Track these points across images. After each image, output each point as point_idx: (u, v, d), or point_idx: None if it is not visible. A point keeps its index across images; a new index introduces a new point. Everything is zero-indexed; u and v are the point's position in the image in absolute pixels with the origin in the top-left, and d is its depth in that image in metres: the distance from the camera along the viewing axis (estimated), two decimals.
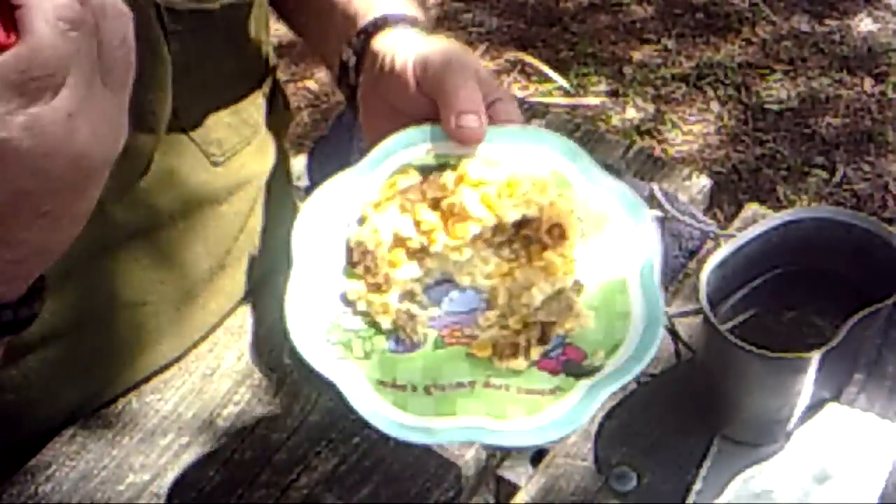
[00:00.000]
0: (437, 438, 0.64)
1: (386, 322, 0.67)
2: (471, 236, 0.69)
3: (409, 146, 0.73)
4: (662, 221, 0.89)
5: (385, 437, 0.82)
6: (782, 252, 0.81)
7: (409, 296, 0.69)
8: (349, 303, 0.69)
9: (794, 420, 0.79)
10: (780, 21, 2.70)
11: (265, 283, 0.96)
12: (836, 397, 0.82)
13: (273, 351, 0.92)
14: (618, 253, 0.69)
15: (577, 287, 0.68)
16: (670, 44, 2.66)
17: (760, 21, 2.71)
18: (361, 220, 0.71)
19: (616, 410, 0.84)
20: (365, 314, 0.68)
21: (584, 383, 0.63)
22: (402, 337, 0.67)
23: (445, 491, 0.81)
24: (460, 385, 0.64)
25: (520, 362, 0.65)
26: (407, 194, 0.70)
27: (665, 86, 2.54)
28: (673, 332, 0.89)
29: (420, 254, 0.70)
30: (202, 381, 0.91)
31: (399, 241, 0.69)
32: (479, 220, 0.69)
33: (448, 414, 0.63)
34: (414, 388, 0.64)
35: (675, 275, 0.95)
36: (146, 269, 0.85)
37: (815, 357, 0.73)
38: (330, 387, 0.63)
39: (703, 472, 0.79)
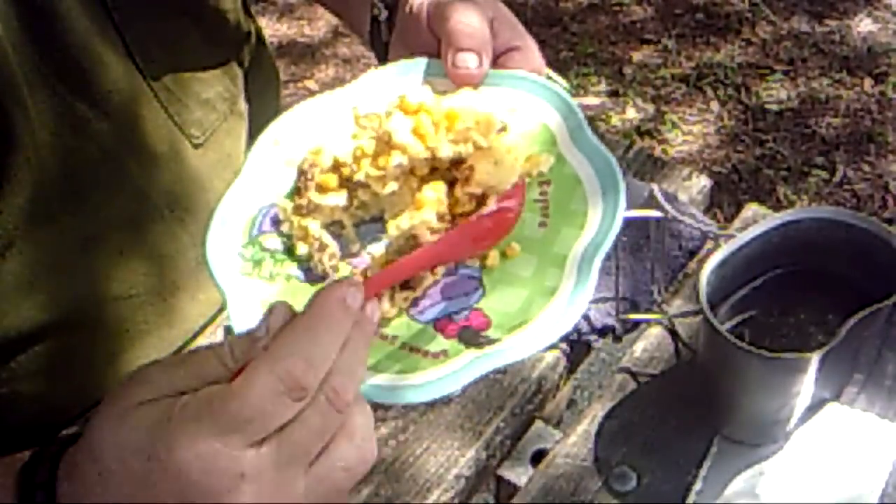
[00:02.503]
0: None
1: (303, 248, 0.64)
2: (394, 167, 0.62)
3: (402, 76, 0.69)
4: (662, 222, 0.89)
5: (385, 438, 0.83)
6: (782, 252, 0.81)
7: (336, 226, 0.65)
8: (277, 223, 0.66)
9: (794, 420, 0.79)
10: (780, 21, 2.70)
11: None
12: (836, 397, 0.82)
13: None
14: (572, 223, 0.63)
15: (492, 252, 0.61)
16: (670, 44, 2.66)
17: (760, 21, 2.71)
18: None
19: (616, 410, 0.84)
20: (288, 237, 0.65)
21: (470, 353, 0.57)
22: (312, 267, 0.64)
23: (445, 491, 0.81)
24: None
25: (386, 308, 0.60)
26: (362, 120, 0.66)
27: (665, 86, 2.54)
28: (673, 332, 0.89)
29: (353, 184, 0.65)
30: None
31: (337, 167, 0.65)
32: (405, 150, 0.62)
33: None
34: None
35: (675, 275, 0.95)
36: (130, 261, 0.84)
37: (815, 357, 0.73)
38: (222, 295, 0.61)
39: (703, 472, 0.79)
